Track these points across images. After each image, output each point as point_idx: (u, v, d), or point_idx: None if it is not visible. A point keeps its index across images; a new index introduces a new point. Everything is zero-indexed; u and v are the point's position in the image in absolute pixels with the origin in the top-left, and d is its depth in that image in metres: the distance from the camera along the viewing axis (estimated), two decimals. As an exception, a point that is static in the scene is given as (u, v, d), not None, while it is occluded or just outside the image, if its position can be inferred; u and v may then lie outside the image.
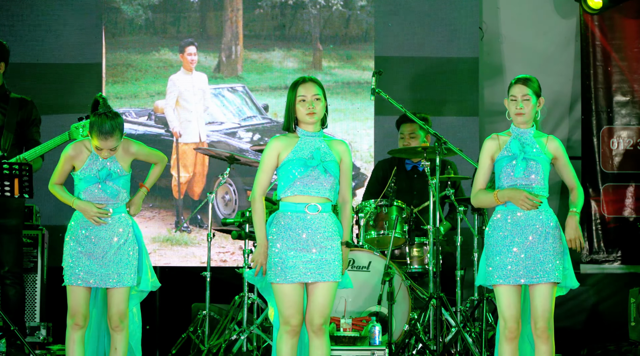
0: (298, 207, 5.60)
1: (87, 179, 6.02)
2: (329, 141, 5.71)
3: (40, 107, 7.94)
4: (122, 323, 6.00)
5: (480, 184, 5.90)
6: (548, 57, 10.03)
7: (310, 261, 5.57)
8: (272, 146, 5.67)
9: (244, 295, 7.85)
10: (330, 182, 5.62)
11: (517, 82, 5.87)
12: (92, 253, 5.95)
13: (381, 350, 7.25)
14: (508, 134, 5.88)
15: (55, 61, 9.77)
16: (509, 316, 5.71)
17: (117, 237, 5.98)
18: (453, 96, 9.87)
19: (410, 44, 9.90)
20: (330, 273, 5.59)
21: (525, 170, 5.76)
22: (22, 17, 9.80)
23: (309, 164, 5.60)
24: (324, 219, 5.62)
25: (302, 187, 5.61)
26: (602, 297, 9.47)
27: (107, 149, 6.00)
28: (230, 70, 9.94)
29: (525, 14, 10.13)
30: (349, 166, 5.73)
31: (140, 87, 9.92)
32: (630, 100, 9.92)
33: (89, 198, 6.01)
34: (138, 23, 9.95)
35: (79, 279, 5.95)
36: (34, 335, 8.43)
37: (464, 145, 8.80)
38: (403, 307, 7.60)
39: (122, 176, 6.06)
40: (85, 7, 9.82)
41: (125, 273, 5.97)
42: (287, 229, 5.59)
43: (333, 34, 10.02)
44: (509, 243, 5.73)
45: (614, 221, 9.83)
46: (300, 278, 5.56)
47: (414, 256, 8.18)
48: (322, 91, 5.68)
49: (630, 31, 9.93)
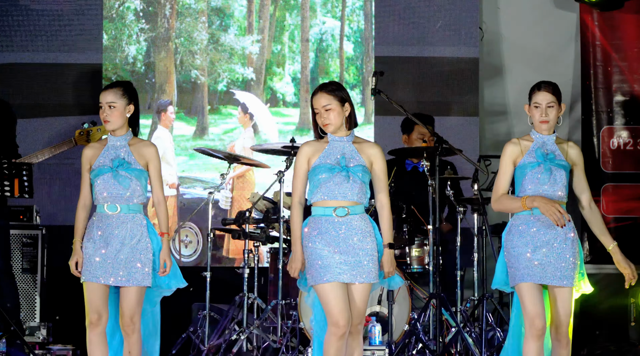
0: (326, 211, 5.64)
1: (100, 169, 5.89)
2: (360, 145, 5.73)
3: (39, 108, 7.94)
4: (134, 324, 5.87)
5: (503, 188, 5.79)
6: (548, 57, 10.02)
7: (343, 262, 5.59)
8: (302, 152, 5.74)
9: (244, 295, 7.85)
10: (356, 186, 5.64)
11: (542, 89, 5.79)
12: (106, 251, 5.83)
13: (381, 350, 7.25)
14: (528, 139, 5.81)
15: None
16: (535, 314, 5.60)
17: (130, 236, 5.87)
18: (453, 96, 9.87)
19: (410, 44, 9.90)
20: (364, 274, 5.61)
21: (550, 177, 5.72)
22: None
23: (333, 169, 5.62)
24: (354, 222, 5.64)
25: (328, 192, 5.64)
26: (602, 297, 9.45)
27: (106, 105, 5.89)
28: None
29: (525, 14, 10.12)
30: (382, 168, 5.73)
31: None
32: (630, 100, 9.92)
33: (101, 189, 5.89)
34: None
35: (93, 276, 5.84)
36: (34, 335, 8.42)
37: (464, 145, 8.80)
38: (403, 307, 7.60)
39: (137, 168, 5.92)
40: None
41: (137, 272, 5.85)
42: (319, 233, 5.63)
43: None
44: (532, 246, 5.66)
45: (614, 221, 9.82)
46: (335, 277, 5.57)
47: (414, 256, 8.18)
48: (336, 97, 5.68)
49: (630, 31, 9.93)
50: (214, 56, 9.90)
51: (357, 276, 5.60)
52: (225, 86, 9.89)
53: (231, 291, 8.13)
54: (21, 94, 9.64)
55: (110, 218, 5.89)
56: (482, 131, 9.97)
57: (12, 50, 9.73)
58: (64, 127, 9.57)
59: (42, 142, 9.35)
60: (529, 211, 5.70)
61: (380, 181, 5.73)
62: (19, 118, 8.07)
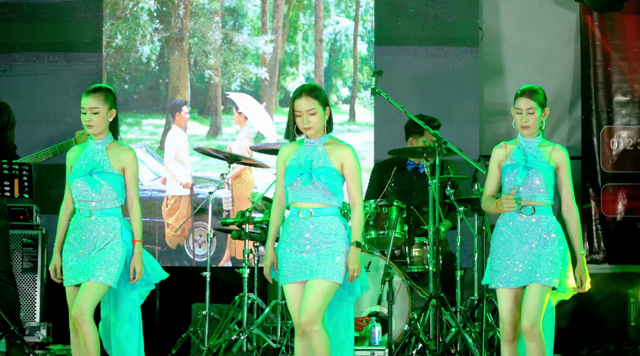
0: (293, 212, 5.71)
1: (75, 173, 5.91)
2: (331, 146, 5.73)
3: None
4: (81, 317, 5.77)
5: (489, 191, 5.96)
6: (548, 57, 10.02)
7: (304, 261, 5.62)
8: (280, 154, 5.81)
9: (244, 295, 7.85)
10: (319, 189, 5.65)
11: (522, 95, 5.87)
12: (78, 253, 5.87)
13: (381, 350, 7.25)
14: (516, 143, 5.93)
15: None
16: (504, 319, 5.81)
17: (101, 239, 5.86)
18: (453, 96, 9.86)
19: (410, 44, 9.89)
20: (320, 271, 5.59)
21: (526, 178, 5.81)
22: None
23: (297, 171, 5.66)
24: (320, 223, 5.65)
25: (295, 194, 5.70)
26: (602, 297, 9.46)
27: (89, 111, 5.89)
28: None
29: (525, 14, 10.12)
30: (354, 169, 5.71)
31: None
32: (630, 100, 9.92)
33: (75, 192, 5.92)
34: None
35: (69, 280, 5.91)
36: (34, 335, 8.42)
37: (463, 145, 8.79)
38: (403, 307, 7.60)
39: (111, 173, 5.91)
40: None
41: (100, 270, 5.80)
42: (289, 233, 5.69)
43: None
44: (509, 247, 5.80)
45: (614, 221, 9.82)
46: (293, 278, 5.63)
47: (414, 256, 8.17)
48: (320, 101, 5.69)
49: (630, 31, 9.93)
50: (228, 56, 9.91)
51: (309, 272, 5.59)
52: (238, 86, 9.89)
53: (231, 291, 8.13)
54: (21, 94, 9.65)
55: (83, 221, 5.91)
56: (482, 131, 9.97)
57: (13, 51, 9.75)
58: (64, 127, 9.57)
59: (42, 142, 9.34)
60: (514, 212, 5.80)
61: (353, 181, 5.72)
62: (19, 118, 8.07)
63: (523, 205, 5.80)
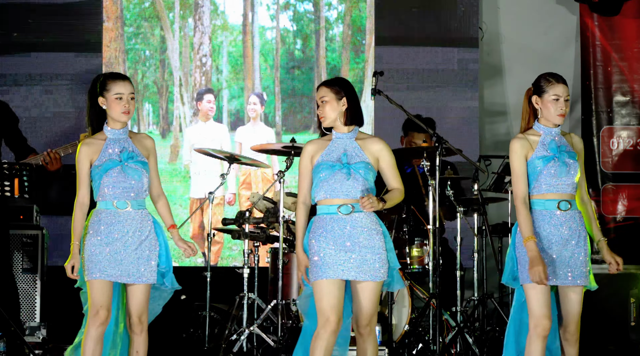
0: (330, 209, 5.59)
1: (106, 165, 5.67)
2: (363, 141, 5.67)
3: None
4: (142, 324, 5.73)
5: (522, 191, 5.56)
6: (548, 57, 10.03)
7: (348, 260, 5.53)
8: (306, 151, 5.68)
9: (244, 295, 7.85)
10: (358, 184, 5.58)
11: (560, 81, 5.62)
12: (112, 247, 5.64)
13: (381, 350, 7.25)
14: (533, 134, 5.62)
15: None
16: (541, 315, 5.50)
17: (139, 233, 5.69)
18: (453, 96, 9.87)
19: (410, 44, 9.90)
20: (370, 272, 5.54)
21: (566, 170, 5.55)
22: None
23: (334, 167, 5.58)
24: (360, 219, 5.58)
25: (330, 190, 5.59)
26: (602, 297, 9.46)
27: (128, 96, 5.68)
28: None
29: (525, 14, 10.13)
30: (389, 161, 5.65)
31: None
32: (630, 100, 9.93)
33: (111, 184, 5.67)
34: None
35: (98, 272, 5.63)
36: (34, 335, 8.42)
37: (464, 145, 8.80)
38: (403, 307, 7.60)
39: (143, 160, 5.73)
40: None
41: (146, 270, 5.67)
42: (325, 231, 5.56)
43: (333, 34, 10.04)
44: (546, 242, 5.56)
45: (614, 221, 9.83)
46: (338, 275, 5.51)
47: (414, 256, 8.18)
48: (334, 90, 5.63)
49: (630, 31, 9.93)
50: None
51: (362, 273, 5.52)
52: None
53: (231, 291, 8.14)
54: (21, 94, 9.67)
55: (118, 215, 5.68)
56: (482, 131, 9.98)
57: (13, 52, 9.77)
58: (65, 128, 9.57)
59: (42, 143, 9.35)
60: (542, 205, 5.56)
61: (391, 174, 5.67)
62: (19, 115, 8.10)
63: (561, 200, 5.56)
